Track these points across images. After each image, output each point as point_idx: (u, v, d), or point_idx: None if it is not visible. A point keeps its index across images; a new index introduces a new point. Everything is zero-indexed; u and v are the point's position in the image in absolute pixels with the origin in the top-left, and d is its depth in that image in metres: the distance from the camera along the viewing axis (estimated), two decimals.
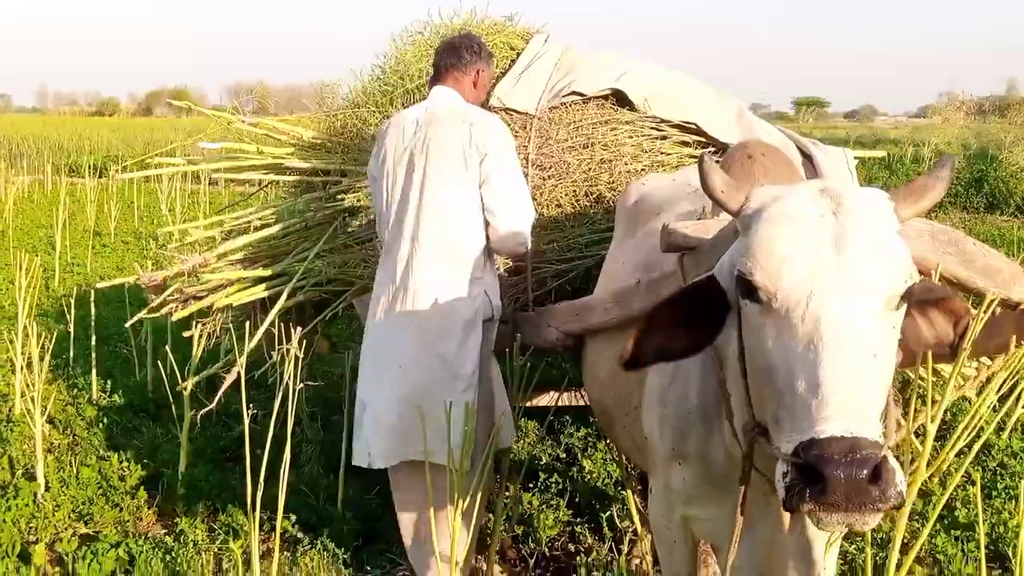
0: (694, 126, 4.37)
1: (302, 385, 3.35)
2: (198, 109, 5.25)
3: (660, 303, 1.99)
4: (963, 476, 3.96)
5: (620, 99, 4.40)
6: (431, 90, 3.59)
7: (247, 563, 3.49)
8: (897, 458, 1.69)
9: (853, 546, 3.89)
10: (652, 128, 4.37)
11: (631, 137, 4.32)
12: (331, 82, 4.81)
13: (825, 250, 1.74)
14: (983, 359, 2.70)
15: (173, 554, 3.82)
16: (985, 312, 2.13)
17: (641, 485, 3.87)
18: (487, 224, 3.41)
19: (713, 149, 4.28)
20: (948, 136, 20.78)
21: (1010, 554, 3.81)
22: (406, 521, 3.53)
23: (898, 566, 2.42)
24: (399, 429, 3.36)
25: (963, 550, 3.81)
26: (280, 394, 3.24)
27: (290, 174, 4.58)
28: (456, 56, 3.58)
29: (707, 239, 2.38)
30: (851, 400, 1.62)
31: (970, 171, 15.71)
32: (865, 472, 1.55)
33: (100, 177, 16.77)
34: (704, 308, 1.97)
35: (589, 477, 4.66)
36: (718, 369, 2.22)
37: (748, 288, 1.78)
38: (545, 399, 4.39)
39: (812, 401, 1.62)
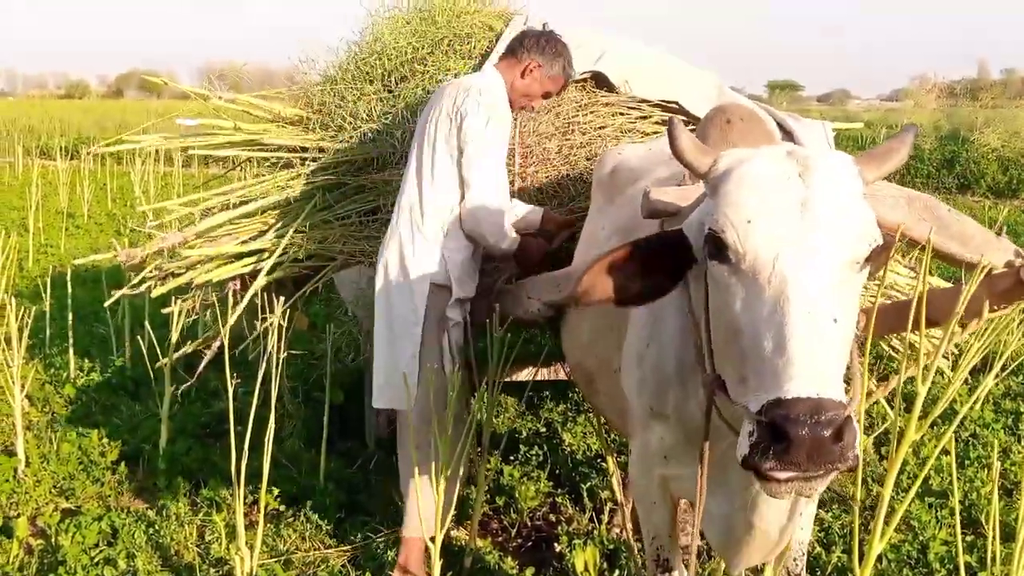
0: (675, 104, 4.39)
1: (285, 354, 3.37)
2: (173, 85, 5.22)
3: (626, 245, 2.00)
4: (934, 445, 4.04)
5: (599, 79, 4.41)
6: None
7: (231, 535, 3.52)
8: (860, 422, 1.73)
9: (829, 514, 3.96)
10: (632, 108, 4.38)
11: (612, 118, 4.33)
12: (307, 57, 4.76)
13: (792, 212, 1.76)
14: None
15: (156, 527, 3.83)
16: (978, 277, 2.18)
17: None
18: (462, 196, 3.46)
19: (693, 127, 4.30)
20: (920, 118, 20.94)
21: (983, 520, 3.90)
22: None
23: (868, 530, 2.47)
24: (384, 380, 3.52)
25: (937, 517, 3.89)
26: (263, 363, 3.26)
27: (268, 151, 4.56)
28: (518, 41, 3.71)
29: (687, 205, 2.41)
30: (816, 361, 1.64)
31: (942, 152, 15.88)
32: (828, 432, 1.57)
33: (72, 160, 16.61)
34: (666, 260, 2.00)
35: (569, 450, 4.71)
36: (695, 330, 2.26)
37: (717, 248, 1.81)
38: (524, 374, 4.42)
39: (778, 361, 1.64)
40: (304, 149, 4.46)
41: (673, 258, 2.01)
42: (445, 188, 3.46)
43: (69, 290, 6.07)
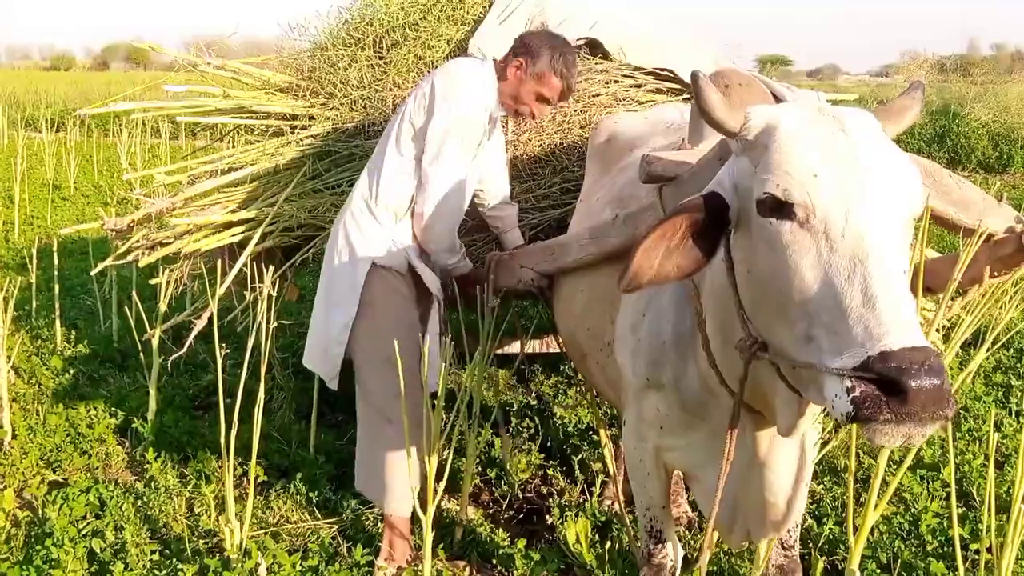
0: (669, 73, 4.34)
1: (275, 325, 3.33)
2: (160, 51, 5.14)
3: (657, 224, 1.91)
4: None
5: (594, 46, 4.35)
6: None
7: (220, 507, 3.49)
8: None
9: (821, 486, 3.95)
10: (626, 76, 4.33)
11: (606, 86, 4.29)
12: (297, 24, 4.69)
13: (855, 167, 1.72)
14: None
15: (144, 499, 3.80)
16: (976, 242, 2.15)
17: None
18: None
19: (688, 96, 4.26)
20: None
21: (974, 492, 3.90)
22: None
23: (861, 503, 2.46)
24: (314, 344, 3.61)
25: (928, 489, 3.89)
26: (252, 334, 3.23)
27: (257, 119, 4.49)
28: (519, 40, 3.49)
29: (687, 169, 2.37)
30: (907, 311, 1.61)
31: (933, 127, 15.85)
32: (940, 380, 1.53)
33: (57, 131, 16.44)
34: (704, 228, 1.92)
35: (561, 422, 4.68)
36: (695, 298, 2.22)
37: (777, 206, 1.74)
38: (514, 347, 4.39)
39: (869, 316, 1.60)
40: (294, 117, 4.40)
41: (710, 226, 1.93)
42: (403, 177, 3.38)
43: (55, 261, 6.00)
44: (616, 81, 4.29)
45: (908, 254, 1.75)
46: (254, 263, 3.92)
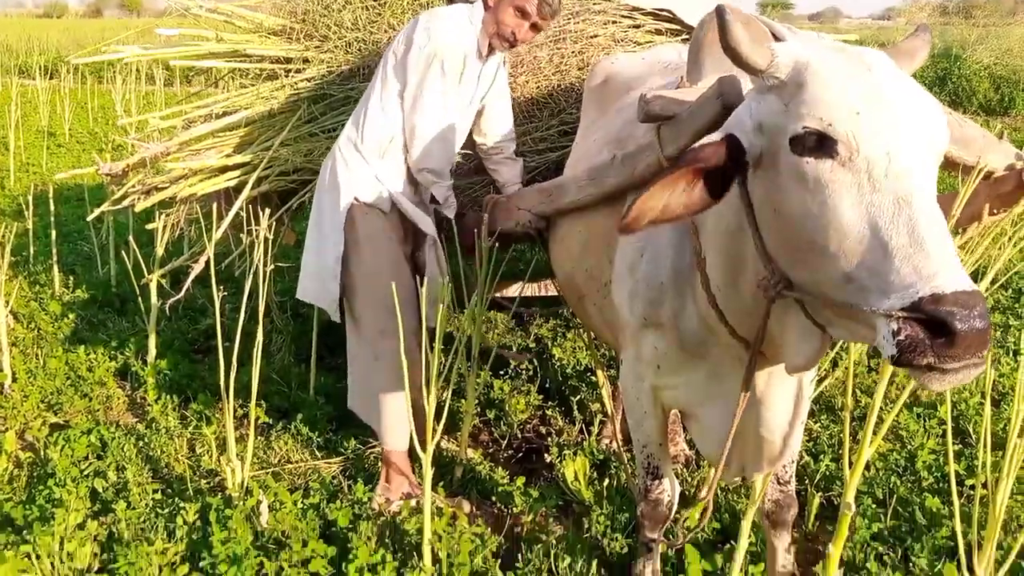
0: (668, 13, 4.29)
1: (272, 267, 3.34)
2: None
3: (672, 170, 1.87)
4: None
5: None
6: None
7: (221, 447, 3.52)
8: None
9: (818, 424, 3.98)
10: (624, 17, 4.28)
11: (604, 27, 4.23)
12: None
13: (892, 104, 1.70)
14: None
15: (146, 440, 3.82)
16: (975, 179, 2.14)
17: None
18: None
19: (686, 37, 4.21)
20: None
21: (970, 430, 3.93)
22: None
23: (857, 440, 2.48)
24: (308, 274, 3.62)
25: (925, 427, 3.92)
26: (250, 277, 3.23)
27: (251, 62, 4.44)
28: None
29: (685, 108, 2.35)
30: (953, 254, 1.61)
31: (934, 69, 15.71)
32: (986, 325, 1.54)
33: (51, 79, 16.28)
34: (711, 171, 1.89)
35: (559, 364, 4.70)
36: (694, 236, 2.21)
37: (816, 144, 1.72)
38: (512, 290, 4.39)
39: (918, 256, 1.59)
40: (288, 60, 4.35)
41: (720, 168, 1.89)
42: (388, 112, 3.43)
43: (52, 208, 5.98)
44: (614, 22, 4.24)
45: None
46: (251, 207, 3.91)
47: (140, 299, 4.85)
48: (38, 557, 2.92)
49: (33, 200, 6.16)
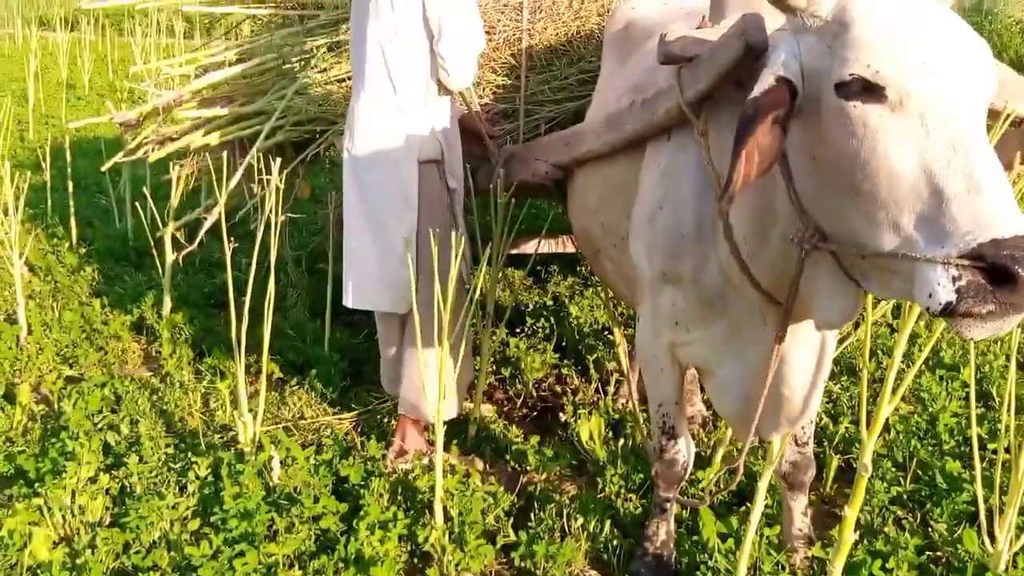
0: None
1: (284, 217, 3.29)
2: None
3: (749, 132, 1.77)
4: None
5: None
6: None
7: (235, 402, 3.50)
8: None
9: (838, 385, 3.91)
10: None
11: None
12: None
13: (943, 46, 1.64)
14: None
15: (160, 394, 3.81)
16: (1002, 125, 2.05)
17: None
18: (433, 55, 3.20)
19: None
20: None
21: (993, 393, 3.85)
22: (383, 360, 3.56)
23: (877, 401, 2.41)
24: (368, 275, 3.33)
25: (947, 389, 3.84)
26: (261, 227, 3.18)
27: (266, 7, 4.37)
28: None
29: (706, 48, 2.26)
30: (1011, 198, 1.55)
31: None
32: None
33: (72, 31, 16.22)
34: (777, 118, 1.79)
35: (576, 323, 4.65)
36: (716, 186, 2.14)
37: (865, 88, 1.65)
38: (529, 247, 4.32)
39: (976, 201, 1.53)
40: (303, 6, 4.27)
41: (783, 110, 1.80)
42: (416, 51, 3.17)
43: (68, 158, 5.95)
44: None
45: None
46: (266, 159, 3.85)
47: (156, 252, 4.83)
48: (49, 510, 2.92)
49: (51, 152, 6.13)
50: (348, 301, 3.40)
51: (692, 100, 2.30)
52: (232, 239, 3.23)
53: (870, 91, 1.64)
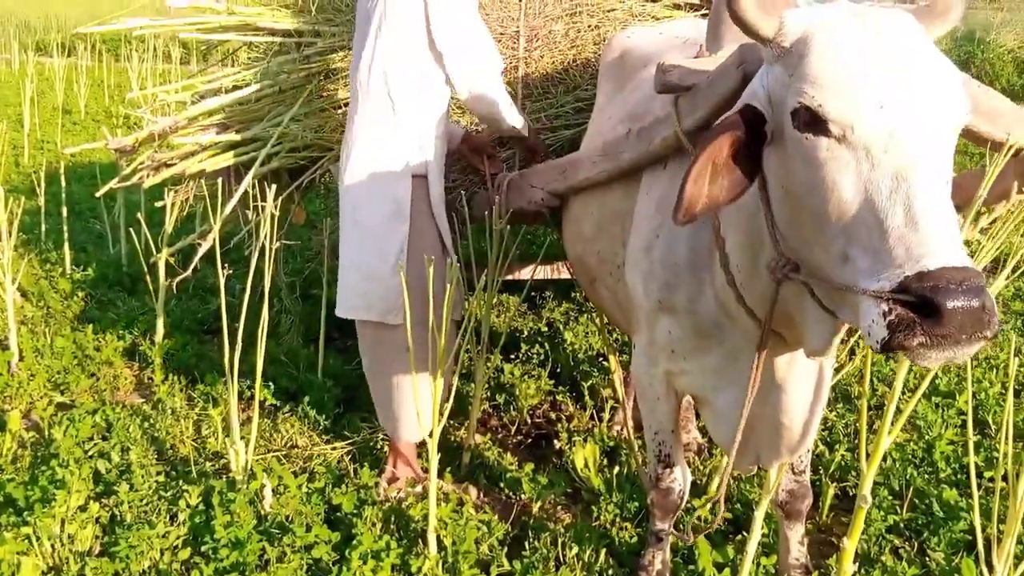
0: None
1: (279, 244, 3.27)
2: None
3: (701, 150, 1.79)
4: None
5: None
6: None
7: (227, 429, 3.47)
8: None
9: (834, 413, 3.90)
10: None
11: (621, 0, 4.14)
12: None
13: (896, 78, 1.62)
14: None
15: (151, 421, 3.78)
16: (1005, 156, 2.05)
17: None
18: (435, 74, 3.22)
19: (706, 11, 4.11)
20: None
21: (990, 421, 3.84)
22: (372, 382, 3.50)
23: (874, 430, 2.40)
24: (355, 287, 3.32)
25: (943, 417, 3.83)
26: (256, 253, 3.17)
27: (262, 35, 4.37)
28: None
29: (703, 77, 2.26)
30: (950, 230, 1.53)
31: (958, 53, 15.47)
32: (979, 300, 1.46)
33: (68, 56, 16.26)
34: (741, 147, 1.81)
35: (571, 349, 4.63)
36: (714, 215, 2.13)
37: (812, 120, 1.64)
38: (524, 272, 4.31)
39: (910, 235, 1.52)
40: (300, 33, 4.27)
41: (750, 142, 1.81)
42: (416, 67, 3.18)
43: (63, 183, 5.94)
44: None
45: (951, 166, 1.66)
46: (261, 185, 3.84)
47: (149, 278, 4.80)
48: (38, 539, 2.89)
49: (45, 177, 6.13)
50: (338, 310, 3.40)
51: (690, 129, 2.30)
52: (226, 265, 3.22)
53: (817, 123, 1.64)
